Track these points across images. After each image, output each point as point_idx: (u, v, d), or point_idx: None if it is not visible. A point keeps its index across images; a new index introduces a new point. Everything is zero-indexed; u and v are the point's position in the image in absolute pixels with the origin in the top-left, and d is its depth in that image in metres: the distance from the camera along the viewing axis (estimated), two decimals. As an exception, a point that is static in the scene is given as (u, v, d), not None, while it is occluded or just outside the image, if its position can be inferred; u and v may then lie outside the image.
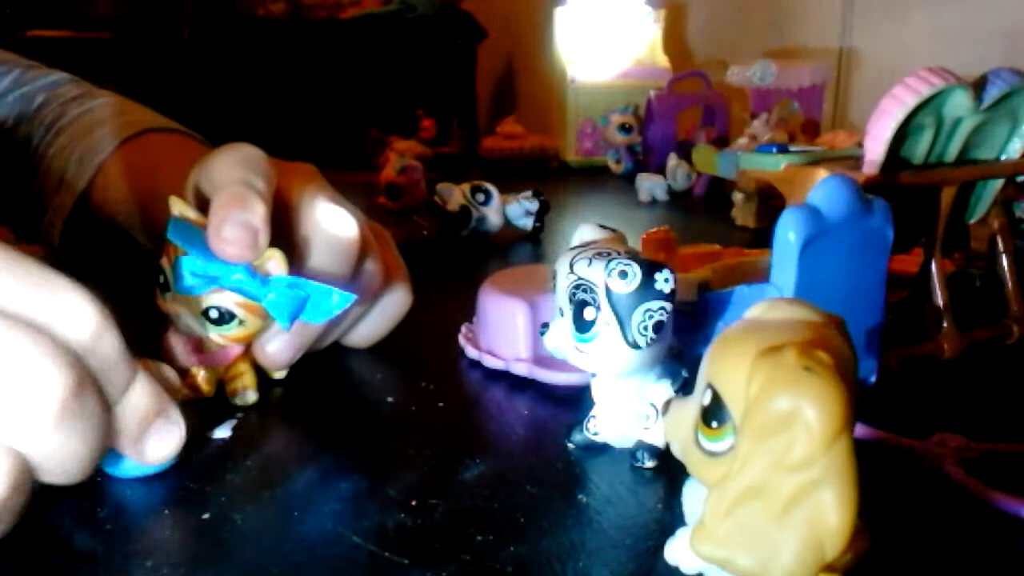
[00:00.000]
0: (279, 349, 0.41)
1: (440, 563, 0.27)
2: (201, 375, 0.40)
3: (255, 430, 0.38)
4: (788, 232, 0.36)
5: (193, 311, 0.38)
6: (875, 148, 0.43)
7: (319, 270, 0.40)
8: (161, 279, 0.38)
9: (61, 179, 0.61)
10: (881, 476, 0.33)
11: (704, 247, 0.54)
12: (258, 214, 0.37)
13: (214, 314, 0.37)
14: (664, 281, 0.31)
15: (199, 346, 0.40)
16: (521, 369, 0.43)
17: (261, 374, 0.42)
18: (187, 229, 0.37)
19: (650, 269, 0.31)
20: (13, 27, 2.01)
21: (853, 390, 0.22)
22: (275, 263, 0.37)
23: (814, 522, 0.21)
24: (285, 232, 0.40)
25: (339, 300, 0.38)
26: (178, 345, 0.40)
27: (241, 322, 0.38)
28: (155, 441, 0.31)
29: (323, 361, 0.46)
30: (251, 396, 0.41)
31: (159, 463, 0.32)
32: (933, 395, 0.43)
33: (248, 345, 0.41)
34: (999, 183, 0.47)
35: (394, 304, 0.47)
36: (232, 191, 0.37)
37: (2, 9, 2.06)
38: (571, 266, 0.32)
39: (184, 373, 0.40)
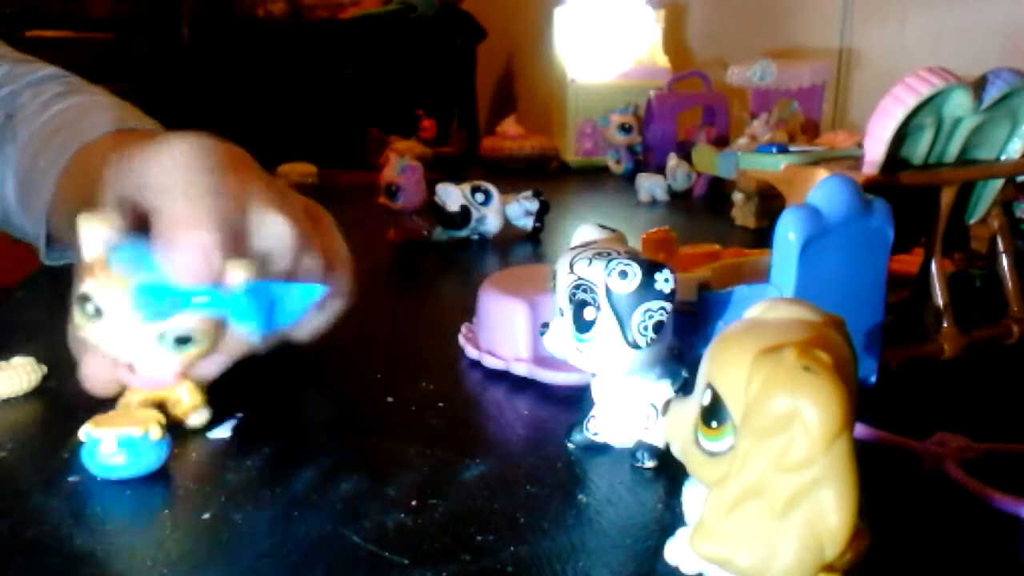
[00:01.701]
0: (206, 364, 0.38)
1: (440, 563, 0.27)
2: (138, 399, 0.37)
3: (255, 430, 0.38)
4: (788, 232, 0.36)
5: (125, 337, 0.35)
6: (875, 148, 0.43)
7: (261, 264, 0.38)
8: (89, 307, 0.35)
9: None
10: (881, 476, 0.33)
11: (704, 247, 0.54)
12: (209, 233, 0.34)
13: (175, 338, 0.35)
14: (664, 281, 0.31)
15: (132, 369, 0.37)
16: (521, 369, 0.43)
17: (262, 375, 0.42)
18: (133, 252, 0.35)
19: (650, 269, 0.31)
20: (13, 27, 2.01)
21: (853, 390, 0.22)
22: (235, 274, 0.35)
23: (814, 522, 0.21)
24: None
25: (306, 295, 0.36)
26: (105, 371, 0.37)
27: (198, 342, 0.36)
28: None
29: (323, 361, 0.46)
30: (205, 415, 0.38)
31: None
32: (933, 395, 0.43)
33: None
34: (999, 183, 0.47)
35: (336, 294, 0.44)
36: (178, 209, 0.34)
37: (2, 9, 2.06)
38: (571, 266, 0.32)
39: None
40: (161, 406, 0.37)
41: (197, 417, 0.38)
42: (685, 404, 0.25)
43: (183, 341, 0.35)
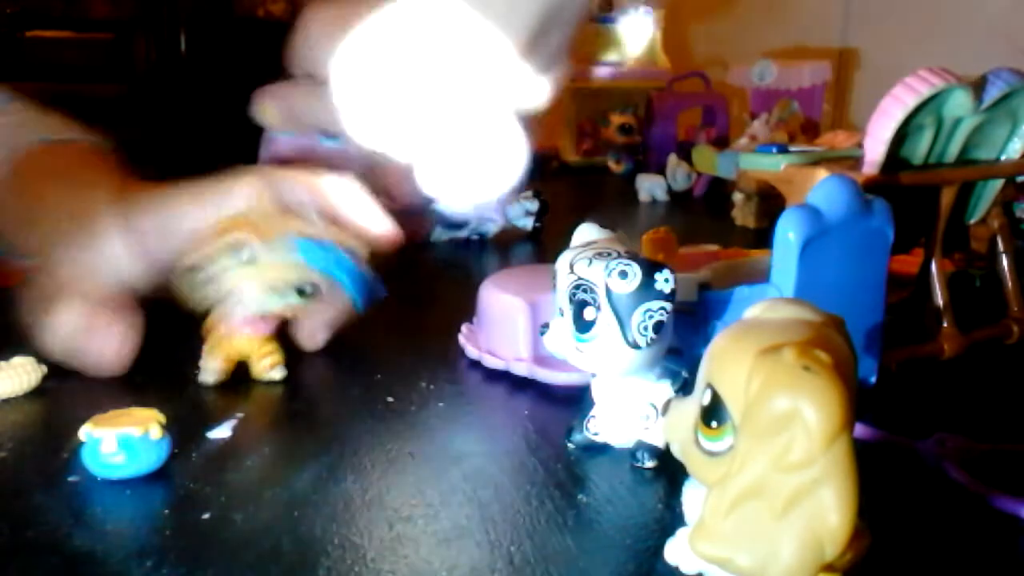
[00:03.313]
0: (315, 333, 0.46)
1: (439, 563, 0.27)
2: (229, 348, 0.43)
3: (255, 430, 0.38)
4: (788, 232, 0.36)
5: (270, 282, 0.41)
6: (875, 148, 0.43)
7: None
8: (244, 253, 0.41)
9: None
10: (881, 476, 0.33)
11: (704, 247, 0.54)
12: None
13: (308, 288, 0.42)
14: (664, 281, 0.31)
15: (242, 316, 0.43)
16: (521, 369, 0.43)
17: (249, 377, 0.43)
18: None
19: (650, 269, 0.31)
20: (13, 27, 2.01)
21: (853, 390, 0.22)
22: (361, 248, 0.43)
23: (814, 522, 0.21)
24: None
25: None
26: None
27: (315, 297, 0.42)
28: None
29: (323, 361, 0.46)
30: (279, 373, 0.43)
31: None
32: (933, 395, 0.43)
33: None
34: (999, 183, 0.47)
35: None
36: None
37: (2, 9, 2.06)
38: (571, 266, 0.32)
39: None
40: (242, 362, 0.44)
41: (278, 372, 0.43)
42: (685, 404, 0.25)
43: (309, 292, 0.42)
